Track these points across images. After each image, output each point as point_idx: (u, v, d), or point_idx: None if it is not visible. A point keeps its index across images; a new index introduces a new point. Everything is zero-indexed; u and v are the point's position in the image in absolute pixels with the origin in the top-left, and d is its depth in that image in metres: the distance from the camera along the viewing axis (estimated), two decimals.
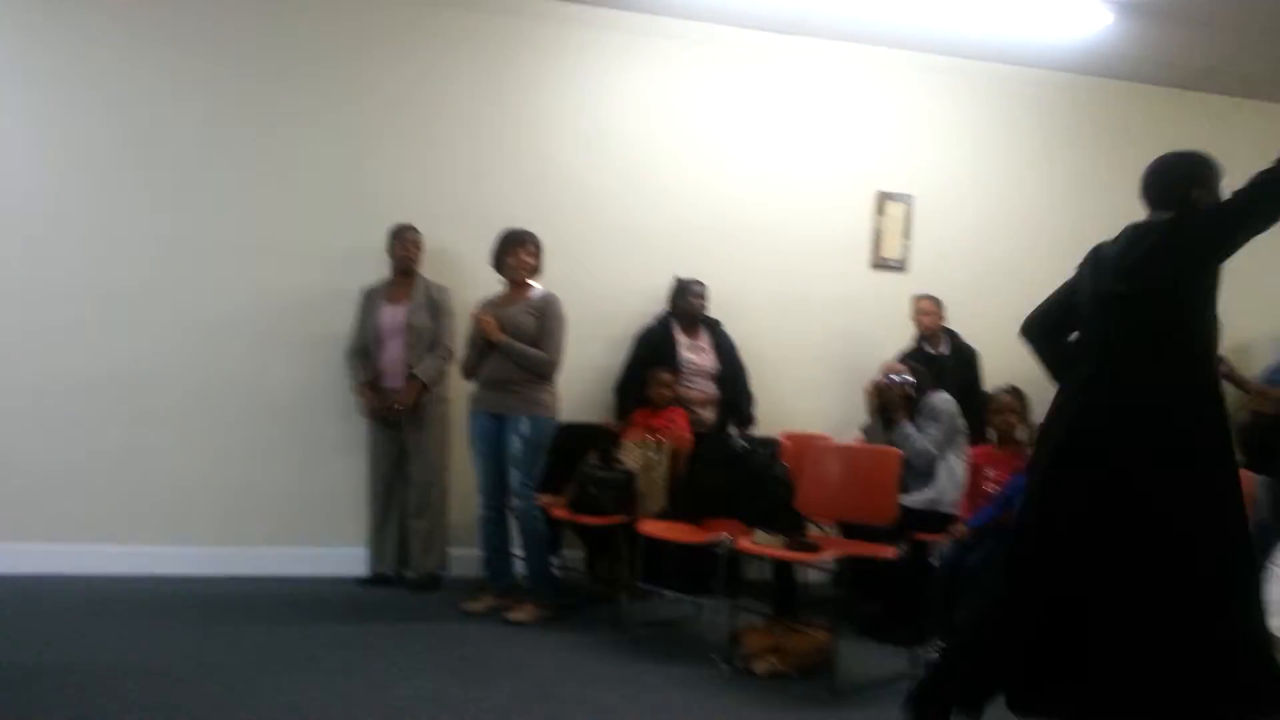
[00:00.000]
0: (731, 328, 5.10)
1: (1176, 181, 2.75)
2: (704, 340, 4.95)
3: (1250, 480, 3.90)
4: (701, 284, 4.99)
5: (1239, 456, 2.81)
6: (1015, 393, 4.20)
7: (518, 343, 4.12)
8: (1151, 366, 2.60)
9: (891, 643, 3.92)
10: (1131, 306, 2.66)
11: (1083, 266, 2.96)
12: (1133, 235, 2.77)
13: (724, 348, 4.98)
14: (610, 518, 4.19)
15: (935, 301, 5.18)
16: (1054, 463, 2.64)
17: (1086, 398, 2.66)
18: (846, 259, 5.53)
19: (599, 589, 4.59)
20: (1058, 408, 2.75)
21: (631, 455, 4.42)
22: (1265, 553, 3.99)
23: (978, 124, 5.74)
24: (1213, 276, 2.62)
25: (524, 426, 4.12)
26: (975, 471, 4.10)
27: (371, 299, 4.66)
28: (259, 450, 4.75)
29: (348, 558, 4.71)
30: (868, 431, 4.61)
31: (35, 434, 4.56)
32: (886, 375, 4.50)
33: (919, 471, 4.34)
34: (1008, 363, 5.44)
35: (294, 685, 3.15)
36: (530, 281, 4.28)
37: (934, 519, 4.16)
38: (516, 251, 4.22)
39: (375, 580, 4.65)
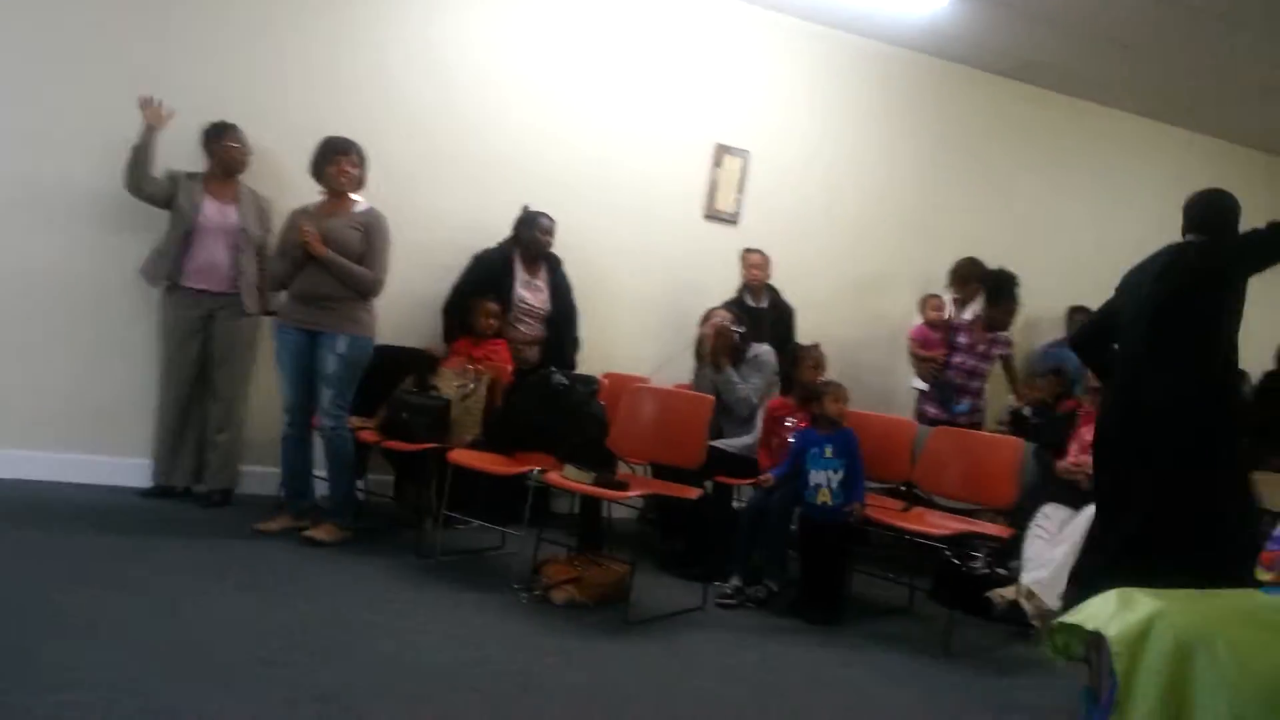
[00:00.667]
0: (567, 267, 5.08)
1: (1217, 212, 3.46)
2: (541, 278, 4.87)
3: (1021, 448, 4.27)
4: (551, 219, 4.86)
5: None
6: (817, 347, 4.39)
7: (342, 258, 3.93)
8: (1177, 370, 3.25)
9: (689, 578, 4.05)
10: (1166, 312, 3.30)
11: (1122, 287, 3.60)
12: (1172, 253, 3.41)
13: (560, 289, 4.92)
14: (421, 444, 4.10)
15: (765, 256, 5.31)
16: (1105, 452, 3.47)
17: (1124, 398, 3.35)
18: (682, 209, 5.59)
19: (405, 515, 4.52)
20: (1105, 408, 3.56)
21: (449, 383, 4.33)
22: (1030, 513, 4.36)
23: (818, 88, 5.90)
24: (1233, 296, 3.30)
25: (341, 345, 3.96)
26: (775, 421, 4.26)
27: (187, 188, 4.29)
28: (39, 348, 4.38)
29: (131, 468, 4.43)
30: (697, 376, 4.69)
31: None
32: (725, 321, 4.59)
33: (739, 418, 4.50)
34: (821, 319, 5.74)
35: (73, 599, 2.96)
36: (352, 194, 4.09)
37: (748, 464, 4.31)
38: (339, 160, 4.01)
39: (159, 492, 4.38)
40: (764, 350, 4.63)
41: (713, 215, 5.64)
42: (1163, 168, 6.82)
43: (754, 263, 5.29)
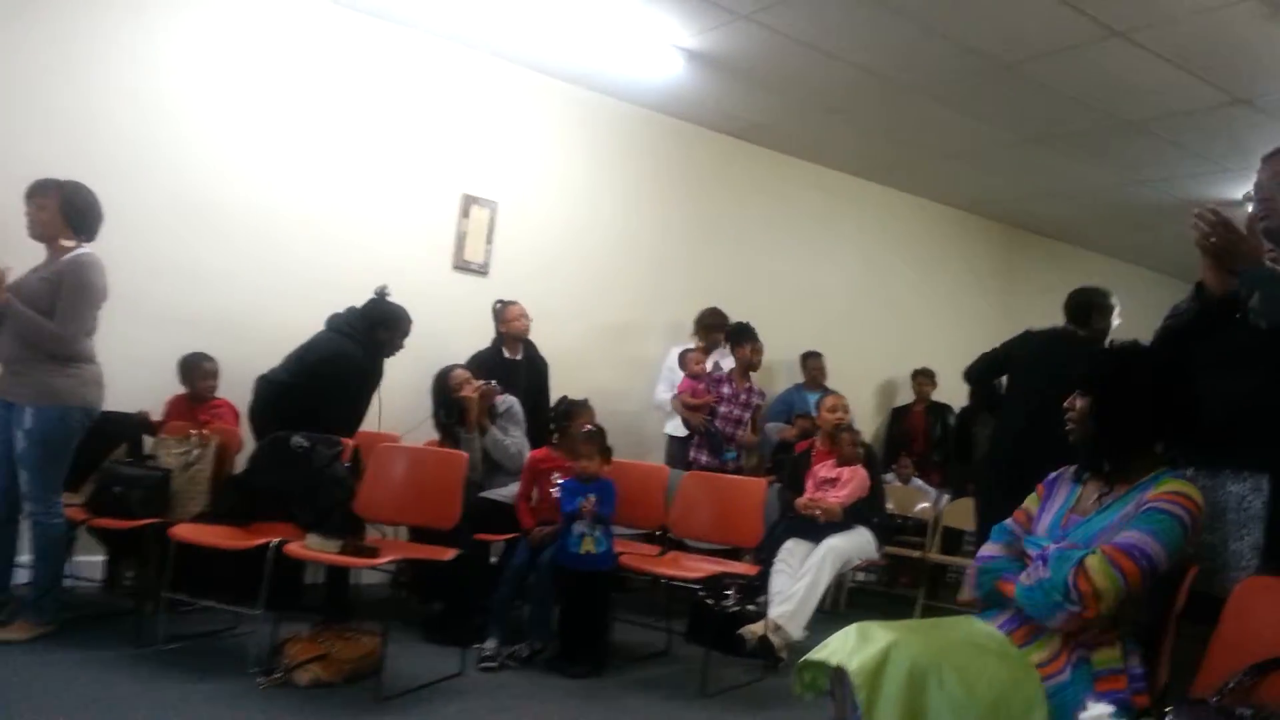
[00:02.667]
0: (306, 318, 4.81)
1: (1087, 308, 4.34)
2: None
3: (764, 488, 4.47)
4: (411, 320, 4.50)
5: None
6: (588, 404, 4.43)
7: (22, 308, 3.42)
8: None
9: (450, 643, 3.89)
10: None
11: (1017, 340, 4.45)
12: (1056, 338, 4.28)
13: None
14: (137, 520, 3.68)
15: (523, 309, 5.27)
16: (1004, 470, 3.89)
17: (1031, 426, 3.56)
18: (431, 260, 5.47)
19: (120, 602, 4.05)
20: (1006, 434, 4.16)
21: (170, 452, 3.95)
22: (774, 549, 4.56)
23: (563, 141, 5.99)
24: None
25: (28, 419, 3.44)
26: (540, 475, 4.22)
27: None
28: None
29: None
30: (464, 444, 4.50)
31: None
32: (486, 381, 4.52)
33: (506, 471, 4.43)
34: (572, 368, 5.79)
35: None
36: (63, 241, 3.62)
37: (511, 513, 4.22)
38: (27, 204, 3.54)
39: None
40: (510, 400, 4.63)
41: (461, 266, 5.56)
42: (868, 221, 7.51)
43: (516, 314, 5.24)
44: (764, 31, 4.91)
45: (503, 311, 5.26)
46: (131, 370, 4.31)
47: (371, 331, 4.30)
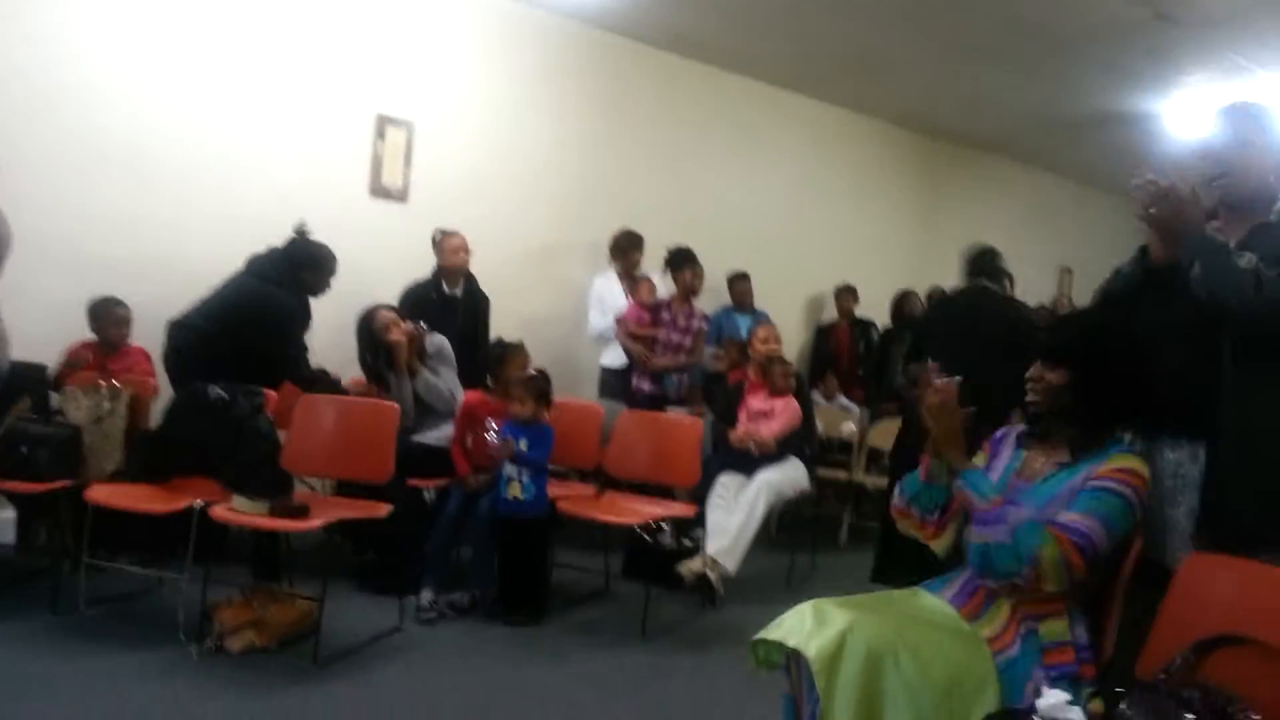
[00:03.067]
0: (220, 258, 4.54)
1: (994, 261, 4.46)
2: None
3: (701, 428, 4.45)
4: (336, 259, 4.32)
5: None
6: (523, 346, 4.29)
7: None
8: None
9: (386, 593, 3.83)
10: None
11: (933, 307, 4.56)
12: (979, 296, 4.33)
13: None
14: (48, 482, 3.49)
15: (464, 239, 4.99)
16: None
17: None
18: (346, 187, 5.19)
19: (36, 560, 3.86)
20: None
21: (78, 405, 3.72)
22: (709, 483, 4.58)
23: (483, 57, 5.69)
24: None
25: None
26: (474, 420, 4.11)
27: None
28: None
29: None
30: (395, 389, 4.33)
31: None
32: (419, 325, 4.34)
33: (438, 413, 4.30)
34: (497, 296, 5.63)
35: None
36: None
37: (444, 457, 4.13)
38: None
39: None
40: (440, 340, 4.44)
41: (379, 191, 5.28)
42: (797, 136, 7.40)
43: (456, 246, 4.95)
44: None
45: (442, 243, 4.98)
46: (35, 317, 4.02)
47: (295, 273, 4.11)
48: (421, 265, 5.10)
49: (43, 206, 4.21)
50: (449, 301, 4.92)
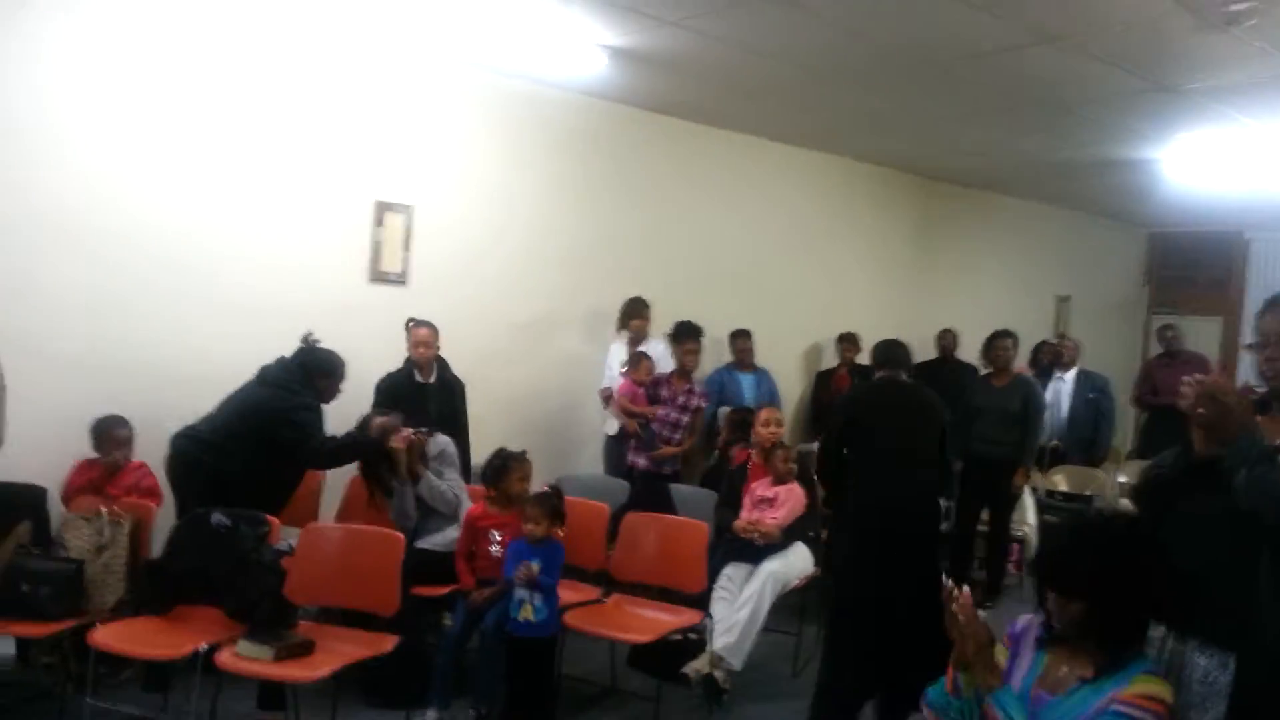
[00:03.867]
0: (222, 350, 4.51)
1: (901, 353, 4.36)
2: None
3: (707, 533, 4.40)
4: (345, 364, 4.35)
5: None
6: (525, 457, 4.23)
7: None
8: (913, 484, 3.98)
9: (394, 705, 3.82)
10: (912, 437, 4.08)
11: (846, 403, 4.57)
12: (895, 389, 4.29)
13: None
14: (52, 623, 3.45)
15: (434, 330, 4.96)
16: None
17: (882, 494, 3.98)
18: (346, 274, 5.14)
19: (37, 677, 3.85)
20: (861, 507, 4.05)
21: (79, 535, 3.68)
22: (713, 573, 4.56)
23: (478, 133, 5.66)
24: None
25: None
26: (478, 532, 4.08)
27: None
28: None
29: None
30: (397, 498, 4.32)
31: None
32: (419, 430, 4.30)
33: (444, 516, 4.28)
34: (494, 371, 5.60)
35: None
36: None
37: (449, 562, 4.10)
38: None
39: None
40: (443, 440, 4.43)
41: (378, 277, 5.24)
42: (790, 185, 7.38)
43: (421, 339, 4.91)
44: (689, 34, 4.67)
45: (411, 333, 4.93)
46: (33, 434, 3.98)
47: (310, 382, 4.16)
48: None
49: (39, 310, 4.16)
50: (422, 389, 4.89)
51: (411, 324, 4.94)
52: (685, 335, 5.83)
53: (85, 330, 4.33)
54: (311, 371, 4.19)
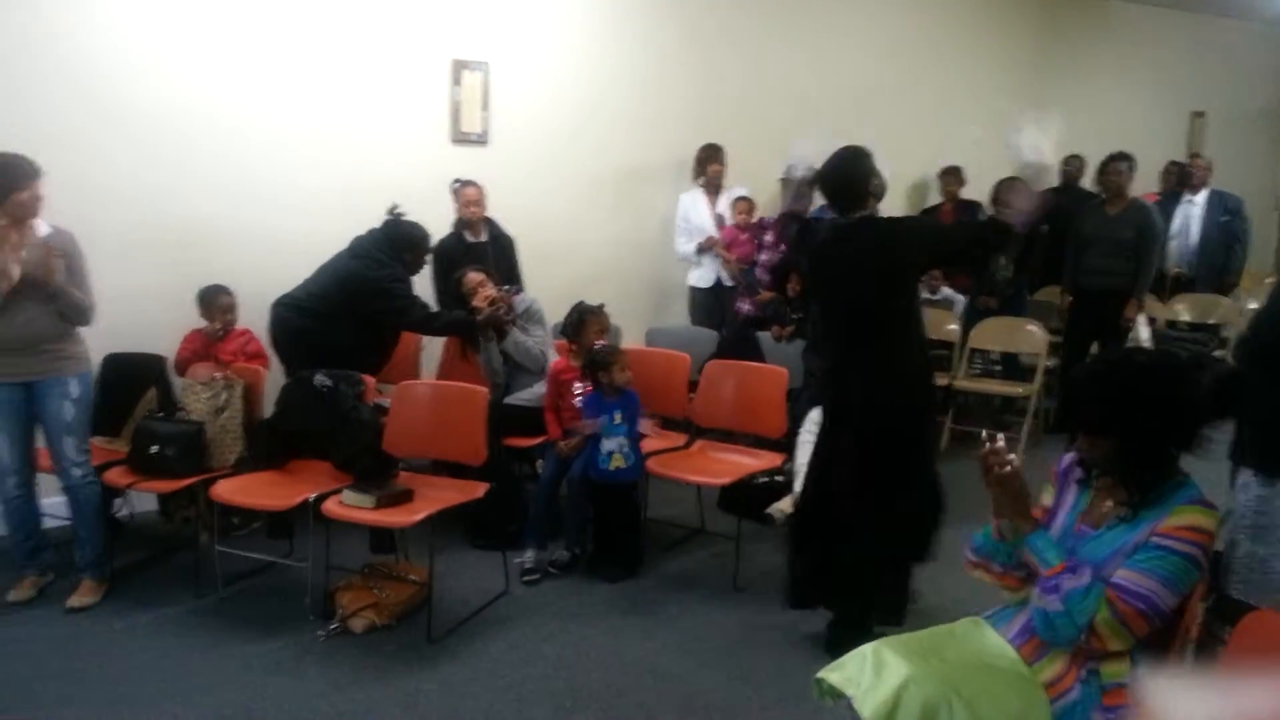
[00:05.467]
0: (310, 222, 4.70)
1: (858, 180, 3.22)
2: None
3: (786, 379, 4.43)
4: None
5: None
6: (602, 310, 4.32)
7: (71, 289, 3.48)
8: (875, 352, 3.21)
9: (492, 545, 4.09)
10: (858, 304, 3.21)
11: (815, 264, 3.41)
12: (843, 234, 3.26)
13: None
14: (180, 479, 3.82)
15: (480, 189, 4.99)
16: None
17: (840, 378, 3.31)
18: (427, 135, 5.21)
19: (177, 528, 4.29)
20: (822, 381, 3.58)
21: (197, 398, 4.00)
22: (800, 416, 4.61)
23: None
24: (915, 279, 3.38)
25: (74, 388, 3.60)
26: (562, 385, 4.22)
27: None
28: None
29: None
30: (485, 354, 4.48)
31: None
32: (503, 288, 4.44)
33: (531, 372, 4.45)
34: (581, 228, 5.64)
35: None
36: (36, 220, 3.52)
37: (538, 416, 4.29)
38: (30, 186, 3.37)
39: None
40: (530, 299, 4.56)
41: (460, 139, 5.29)
42: (896, 6, 6.91)
43: (470, 198, 4.95)
44: None
45: (459, 194, 4.97)
46: (147, 307, 4.32)
47: (397, 255, 4.36)
48: (507, 208, 5.13)
49: (139, 197, 4.41)
50: (473, 249, 4.97)
51: (458, 184, 4.98)
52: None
53: (183, 209, 4.56)
54: (397, 244, 4.37)
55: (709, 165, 5.84)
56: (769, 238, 5.60)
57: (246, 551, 3.99)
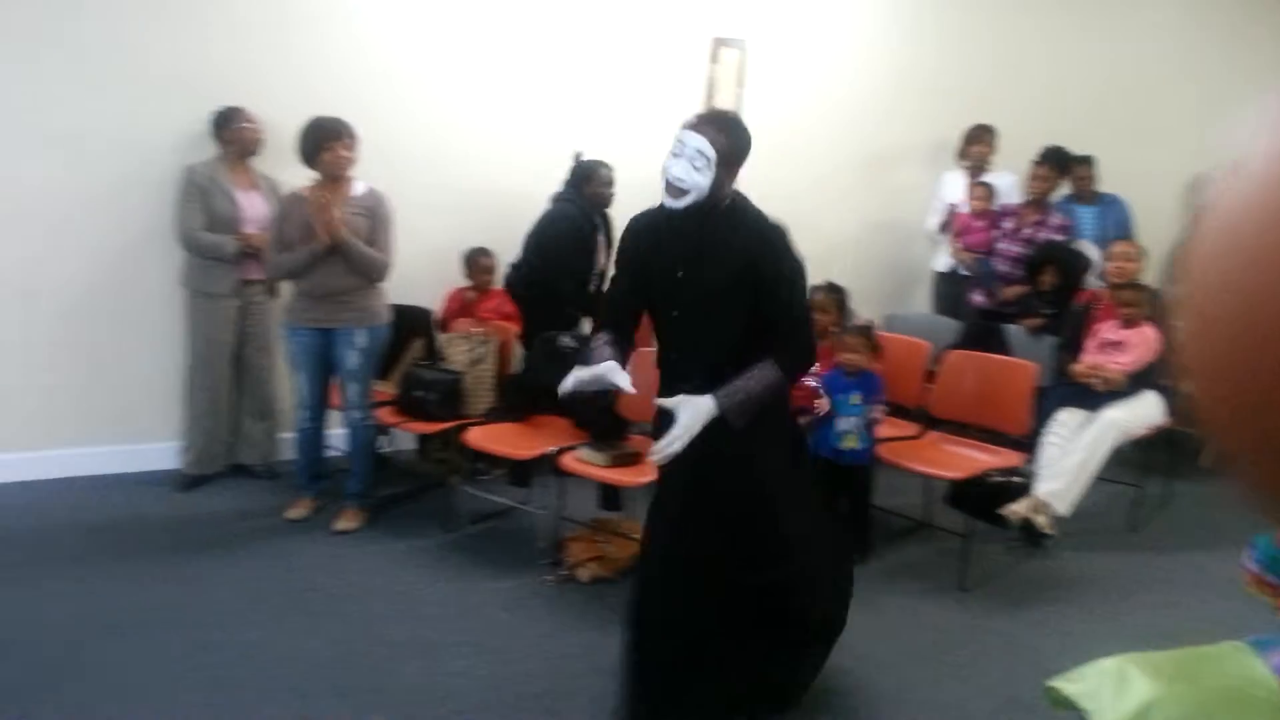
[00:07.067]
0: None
1: (739, 152, 2.58)
2: (601, 236, 4.76)
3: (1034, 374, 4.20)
4: (609, 167, 4.70)
5: None
6: (832, 290, 4.27)
7: (363, 246, 3.84)
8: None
9: None
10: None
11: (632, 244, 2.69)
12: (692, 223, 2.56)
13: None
14: (437, 423, 4.16)
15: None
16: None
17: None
18: (678, 112, 5.29)
19: (428, 471, 4.67)
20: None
21: (458, 350, 4.33)
22: (1045, 416, 4.38)
23: None
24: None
25: (362, 339, 3.95)
26: None
27: (215, 183, 4.18)
28: (59, 351, 4.35)
29: (161, 453, 4.52)
30: None
31: None
32: None
33: None
34: (830, 207, 5.57)
35: (114, 647, 3.11)
36: (349, 176, 3.93)
37: None
38: (334, 146, 3.79)
39: (193, 482, 4.43)
40: None
41: None
42: None
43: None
44: None
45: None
46: (420, 264, 4.69)
47: (579, 190, 4.61)
48: (757, 185, 5.13)
49: (418, 165, 4.80)
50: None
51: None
52: (1053, 159, 5.37)
53: (460, 176, 4.91)
54: (578, 180, 4.61)
55: (974, 146, 5.60)
56: (1008, 224, 5.32)
57: (489, 494, 4.30)
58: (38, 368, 4.32)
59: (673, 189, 2.50)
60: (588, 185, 4.63)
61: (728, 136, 2.56)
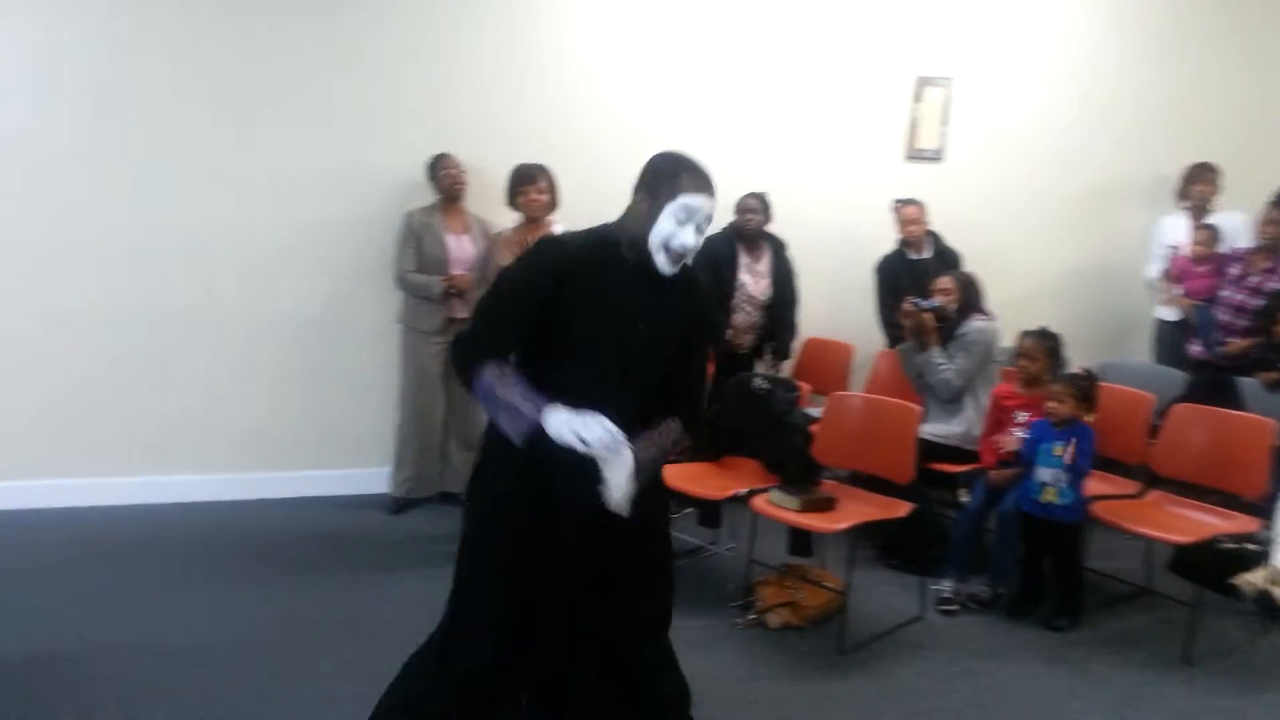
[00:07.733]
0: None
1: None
2: (764, 263, 4.80)
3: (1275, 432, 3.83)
4: (757, 197, 4.75)
5: None
6: (1044, 336, 4.05)
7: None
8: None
9: (906, 571, 4.05)
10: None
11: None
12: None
13: (781, 274, 4.85)
14: None
15: (920, 207, 4.93)
16: None
17: None
18: (880, 150, 5.25)
19: None
20: None
21: None
22: None
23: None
24: None
25: None
26: (1003, 412, 4.04)
27: (428, 227, 4.47)
28: (280, 379, 4.71)
29: (372, 478, 4.78)
30: (904, 352, 4.51)
31: (38, 364, 4.36)
32: (912, 301, 4.37)
33: (943, 401, 4.32)
34: (1039, 250, 5.31)
35: (325, 661, 3.27)
36: (549, 218, 4.15)
37: (958, 456, 4.17)
38: (527, 190, 4.09)
39: (404, 506, 4.68)
40: (975, 328, 4.31)
41: (915, 155, 5.26)
42: None
43: (910, 216, 4.91)
44: None
45: (898, 213, 4.93)
46: None
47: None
48: (956, 225, 5.01)
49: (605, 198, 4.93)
50: (918, 267, 4.86)
51: (898, 204, 4.97)
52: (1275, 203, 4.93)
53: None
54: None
55: (1195, 185, 5.22)
56: (1234, 270, 4.87)
57: (679, 533, 4.31)
58: (261, 395, 4.68)
59: (675, 256, 2.34)
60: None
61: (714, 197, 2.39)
